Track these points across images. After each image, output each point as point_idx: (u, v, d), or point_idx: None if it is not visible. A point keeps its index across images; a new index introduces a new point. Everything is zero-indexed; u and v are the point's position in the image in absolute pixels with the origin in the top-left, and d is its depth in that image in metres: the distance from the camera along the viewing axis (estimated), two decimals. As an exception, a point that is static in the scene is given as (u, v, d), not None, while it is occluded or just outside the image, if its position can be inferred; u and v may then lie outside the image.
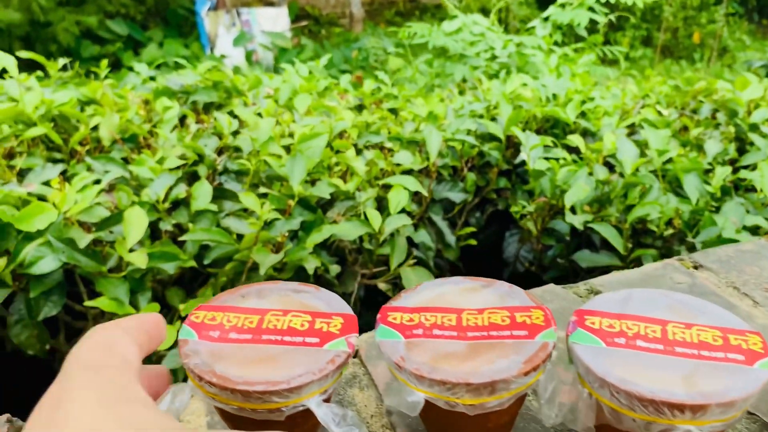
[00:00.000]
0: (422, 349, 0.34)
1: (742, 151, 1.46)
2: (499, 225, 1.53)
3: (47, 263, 0.78)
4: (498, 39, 2.47)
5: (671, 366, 0.31)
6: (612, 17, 2.45)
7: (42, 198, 0.89)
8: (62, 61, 1.52)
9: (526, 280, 1.48)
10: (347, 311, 0.37)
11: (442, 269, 1.33)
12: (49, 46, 5.77)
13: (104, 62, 1.76)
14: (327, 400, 0.34)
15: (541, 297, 0.51)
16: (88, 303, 0.79)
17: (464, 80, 2.38)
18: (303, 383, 0.32)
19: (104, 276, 0.82)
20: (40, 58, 1.47)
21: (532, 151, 1.13)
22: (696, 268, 0.56)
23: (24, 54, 1.47)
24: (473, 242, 1.26)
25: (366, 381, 0.43)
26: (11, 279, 0.80)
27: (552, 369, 0.34)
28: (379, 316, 0.37)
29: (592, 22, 2.59)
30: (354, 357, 0.46)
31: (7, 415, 0.41)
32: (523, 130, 1.46)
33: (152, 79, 1.69)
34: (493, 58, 2.39)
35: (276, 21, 6.92)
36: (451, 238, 1.26)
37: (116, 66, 6.17)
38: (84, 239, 0.81)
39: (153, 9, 6.96)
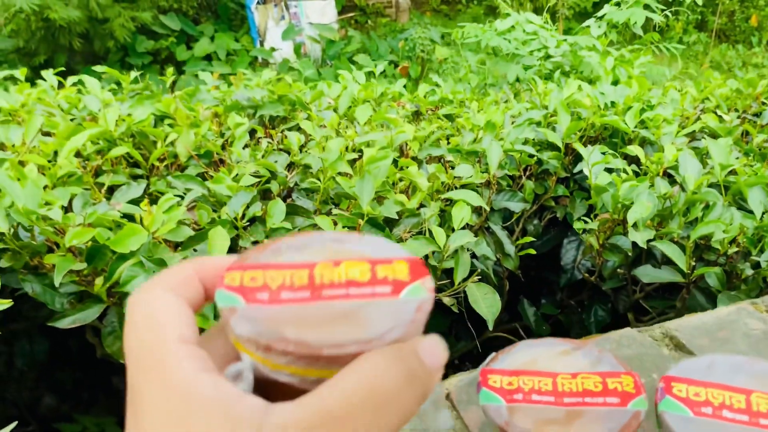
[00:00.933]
0: (524, 414, 0.37)
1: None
2: (557, 232, 1.55)
3: (140, 282, 0.84)
4: (551, 38, 2.46)
5: (756, 436, 0.33)
6: (668, 12, 2.41)
7: (129, 216, 0.96)
8: (134, 74, 1.59)
9: (584, 287, 1.50)
10: (406, 254, 0.31)
11: (500, 276, 1.36)
12: (106, 41, 5.96)
13: (170, 71, 1.84)
14: None
15: (618, 342, 0.54)
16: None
17: (518, 80, 2.38)
18: (397, 337, 0.27)
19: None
20: (114, 73, 1.55)
21: (594, 167, 1.14)
22: None
23: (99, 68, 1.55)
24: (532, 252, 1.28)
25: (459, 426, 0.47)
26: (106, 295, 0.87)
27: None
28: (480, 378, 0.40)
29: (649, 18, 2.55)
30: (446, 399, 0.50)
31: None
32: (582, 137, 1.47)
33: (217, 87, 1.76)
34: (547, 57, 2.38)
35: (323, 13, 6.98)
36: (510, 248, 1.29)
37: (169, 60, 6.34)
38: (172, 259, 0.87)
39: (204, 3, 7.10)
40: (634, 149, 1.30)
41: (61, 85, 1.57)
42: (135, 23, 6.30)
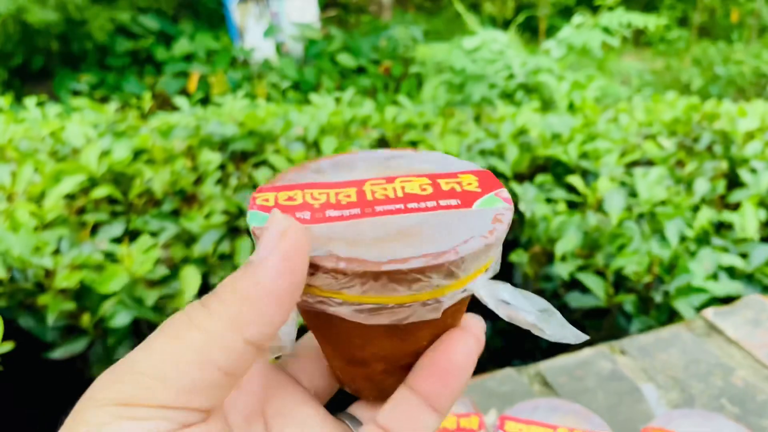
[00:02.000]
0: None
1: (735, 183, 1.57)
2: (509, 251, 1.68)
3: (122, 318, 0.96)
4: (516, 57, 2.59)
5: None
6: (627, 34, 2.55)
7: (112, 255, 1.08)
8: (114, 105, 1.70)
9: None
10: (474, 167, 0.28)
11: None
12: (84, 43, 5.99)
13: (148, 95, 1.95)
14: None
15: (500, 380, 0.66)
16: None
17: (483, 99, 2.51)
18: (477, 249, 0.22)
19: (165, 325, 1.00)
20: (92, 106, 1.66)
21: (530, 201, 1.27)
22: (622, 353, 0.71)
23: (80, 101, 1.65)
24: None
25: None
26: (92, 329, 0.99)
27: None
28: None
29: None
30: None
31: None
32: (528, 167, 1.60)
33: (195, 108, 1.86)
34: (511, 77, 2.51)
35: (304, 11, 7.02)
36: (461, 271, 1.41)
37: (148, 60, 6.38)
38: (150, 297, 0.98)
39: (184, 1, 7.12)
40: (574, 180, 1.43)
41: (51, 102, 1.67)
42: (113, 24, 6.31)
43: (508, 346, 1.68)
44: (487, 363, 1.62)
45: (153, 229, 1.15)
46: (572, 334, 0.25)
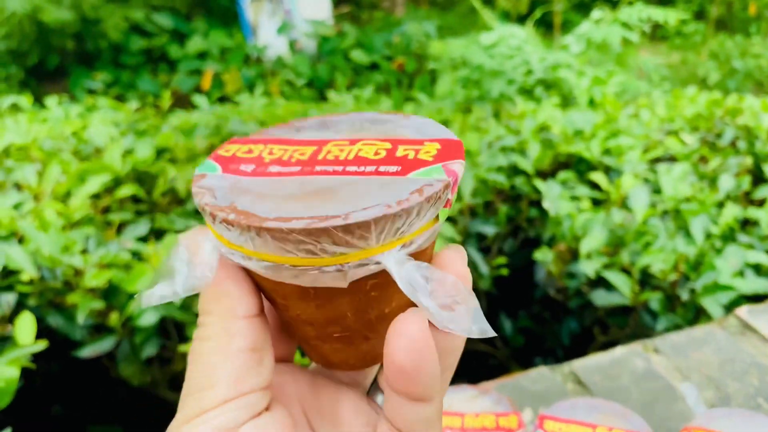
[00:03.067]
0: None
1: (760, 179, 1.56)
2: (532, 249, 1.67)
3: (149, 317, 0.96)
4: (534, 52, 2.57)
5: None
6: (646, 29, 2.52)
7: (138, 254, 1.08)
8: (134, 104, 1.71)
9: (557, 301, 1.63)
10: (448, 136, 0.26)
11: (477, 293, 1.49)
12: (99, 41, 6.04)
13: (167, 94, 1.95)
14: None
15: (534, 379, 0.66)
16: (181, 348, 0.97)
17: (501, 95, 2.50)
18: (372, 218, 0.21)
19: (193, 323, 1.00)
20: (113, 104, 1.67)
21: (554, 198, 1.27)
22: (655, 351, 0.71)
23: (100, 101, 1.66)
24: (505, 272, 1.41)
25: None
26: (120, 328, 0.99)
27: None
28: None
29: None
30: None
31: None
32: (550, 164, 1.59)
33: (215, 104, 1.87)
34: (529, 72, 2.50)
35: (317, 8, 7.03)
36: (484, 269, 1.41)
37: (162, 58, 6.41)
38: (177, 296, 0.99)
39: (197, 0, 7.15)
40: (597, 177, 1.42)
41: (70, 99, 1.68)
42: (127, 22, 6.35)
43: (530, 345, 1.67)
44: (509, 361, 1.62)
45: (178, 227, 1.16)
46: (478, 329, 0.23)
